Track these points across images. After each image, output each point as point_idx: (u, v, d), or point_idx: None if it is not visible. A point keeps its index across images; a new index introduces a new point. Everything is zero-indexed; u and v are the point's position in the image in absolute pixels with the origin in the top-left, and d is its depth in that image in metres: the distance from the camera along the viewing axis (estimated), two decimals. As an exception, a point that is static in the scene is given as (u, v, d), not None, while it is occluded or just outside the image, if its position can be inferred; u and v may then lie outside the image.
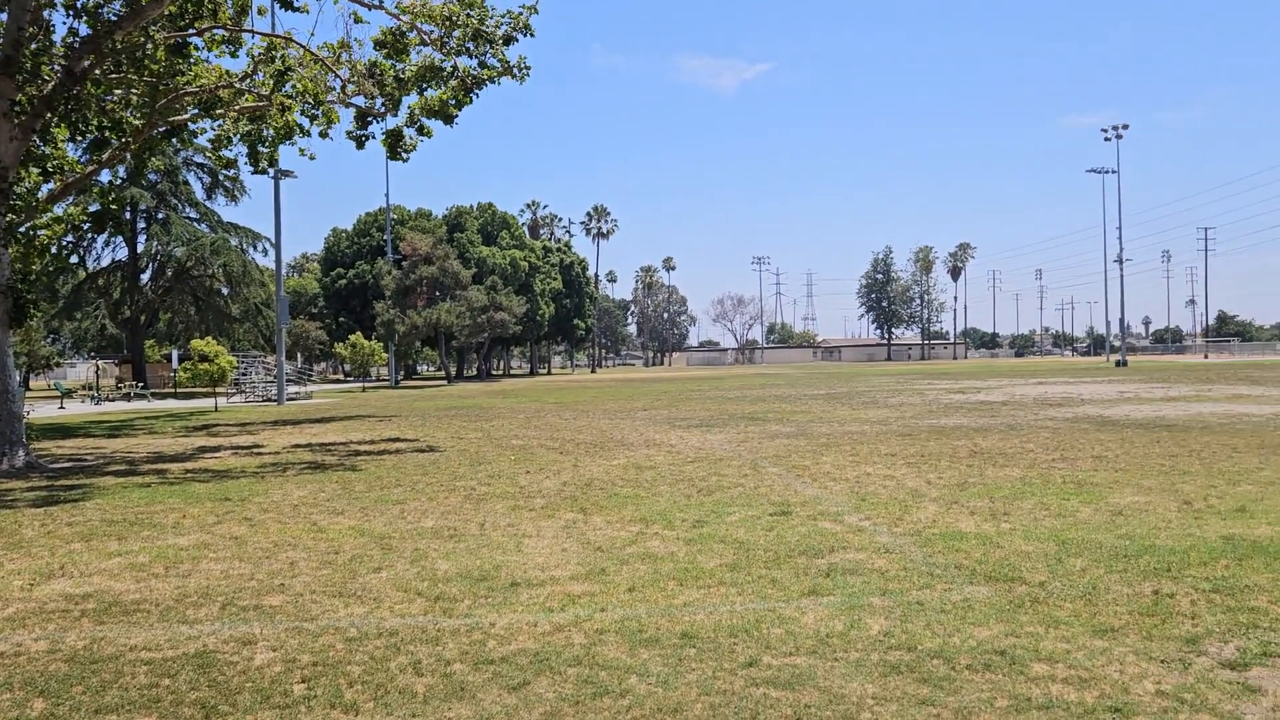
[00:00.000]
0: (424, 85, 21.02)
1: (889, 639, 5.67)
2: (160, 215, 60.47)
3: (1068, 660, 5.23)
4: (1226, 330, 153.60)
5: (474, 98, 21.06)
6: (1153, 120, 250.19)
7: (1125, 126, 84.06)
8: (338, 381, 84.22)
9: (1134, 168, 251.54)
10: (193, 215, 63.59)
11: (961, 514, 9.71)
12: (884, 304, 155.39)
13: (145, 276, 62.24)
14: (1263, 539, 8.09)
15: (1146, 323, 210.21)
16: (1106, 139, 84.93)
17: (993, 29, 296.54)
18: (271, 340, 57.34)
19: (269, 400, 43.11)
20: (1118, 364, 77.90)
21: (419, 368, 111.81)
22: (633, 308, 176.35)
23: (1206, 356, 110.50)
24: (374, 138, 22.36)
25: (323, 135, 22.45)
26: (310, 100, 20.99)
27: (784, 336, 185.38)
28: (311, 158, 73.75)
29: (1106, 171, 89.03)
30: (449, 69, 20.61)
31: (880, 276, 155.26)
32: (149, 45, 18.47)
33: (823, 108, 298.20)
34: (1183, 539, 8.17)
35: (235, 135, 22.43)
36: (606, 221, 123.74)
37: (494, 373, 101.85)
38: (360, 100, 21.75)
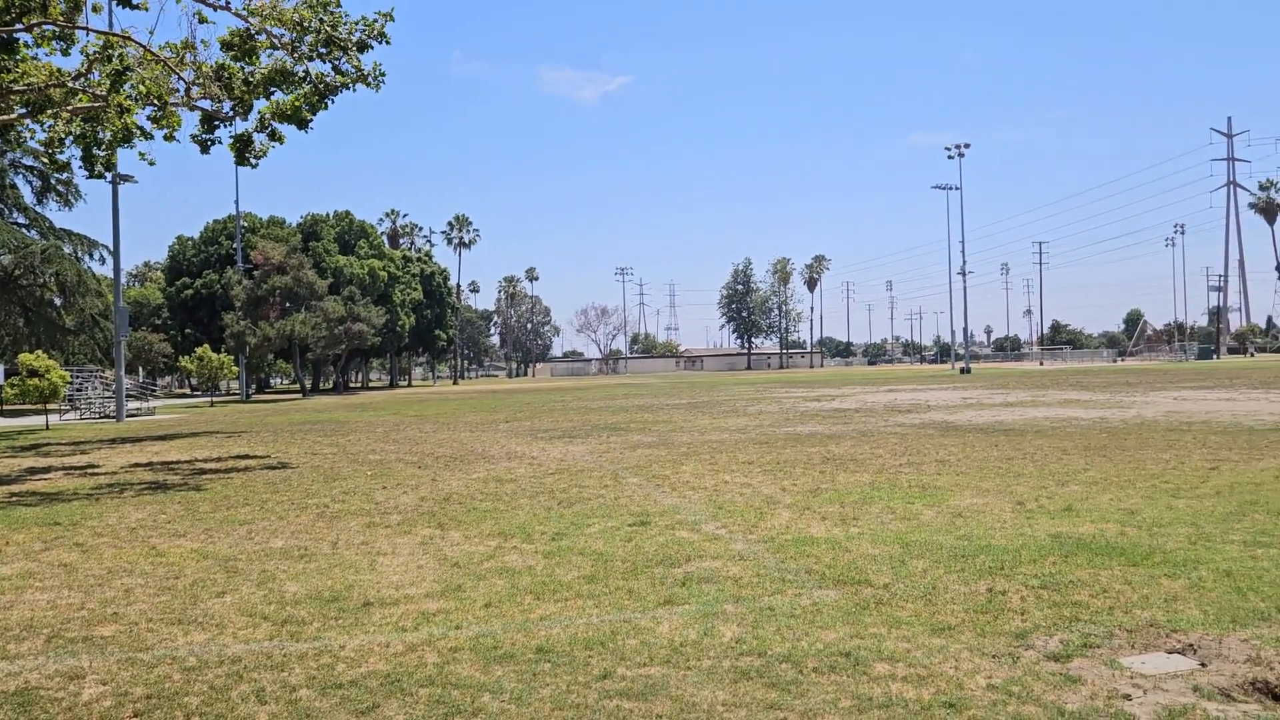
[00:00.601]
0: (275, 89, 20.35)
1: (740, 645, 5.78)
2: (-16, 220, 56.47)
3: (907, 659, 5.45)
4: (1059, 339, 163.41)
5: (329, 103, 20.52)
6: (994, 139, 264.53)
7: (967, 145, 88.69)
8: (184, 396, 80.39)
9: (976, 184, 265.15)
10: (21, 220, 59.61)
11: (813, 519, 10.00)
12: (744, 314, 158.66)
13: (-33, 286, 58.02)
14: (1086, 536, 8.63)
15: (988, 331, 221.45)
16: (950, 157, 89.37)
17: (846, 48, 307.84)
18: (109, 353, 54.26)
19: (107, 417, 40.77)
20: (962, 371, 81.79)
21: (272, 381, 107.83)
22: (496, 318, 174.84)
23: (1042, 363, 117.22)
24: (221, 142, 21.52)
25: (167, 139, 21.45)
26: (152, 102, 20.02)
27: (647, 347, 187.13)
28: (152, 163, 69.65)
29: (950, 188, 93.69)
30: (301, 73, 20.01)
31: (740, 287, 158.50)
32: (-31, 40, 17.27)
33: (683, 120, 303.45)
34: (1015, 538, 8.64)
35: (68, 137, 21.20)
36: (468, 231, 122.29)
37: (352, 385, 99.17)
38: (206, 103, 20.89)
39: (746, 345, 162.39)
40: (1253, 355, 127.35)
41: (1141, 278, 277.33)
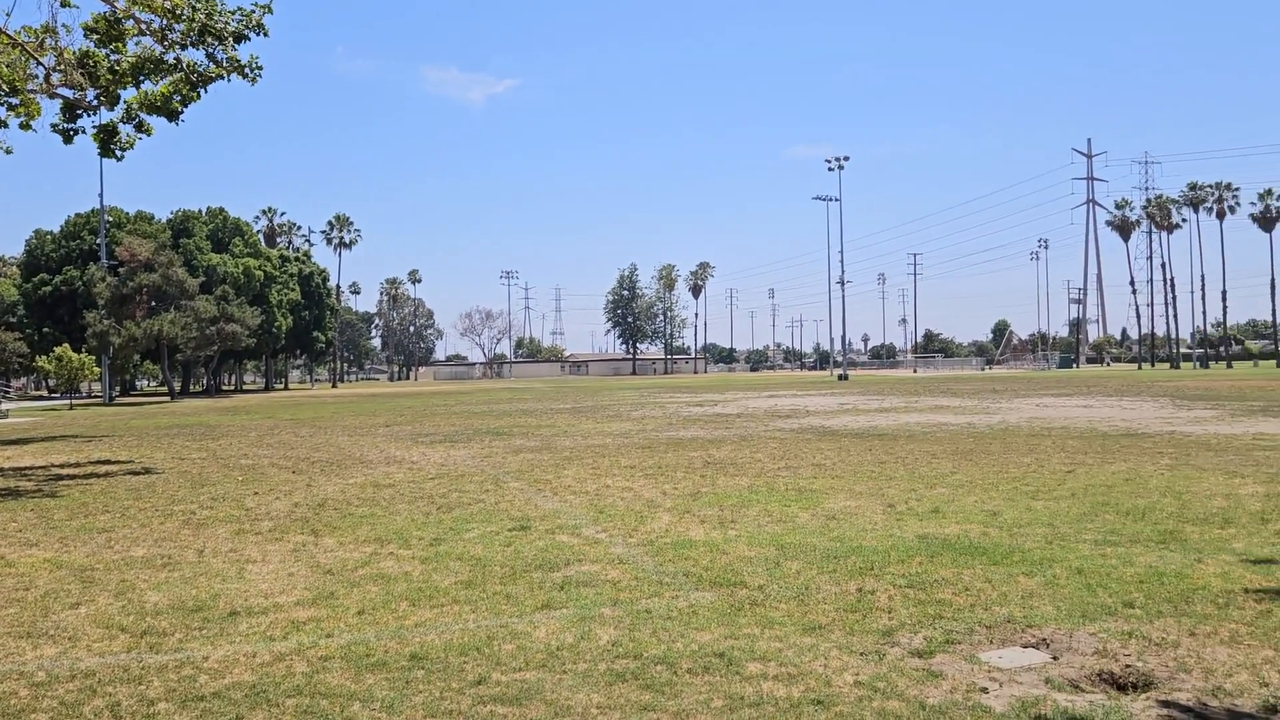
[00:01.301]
0: (143, 77, 19.50)
1: (617, 648, 5.81)
2: None
3: (779, 658, 5.57)
4: (932, 347, 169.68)
5: (201, 94, 19.76)
6: (871, 153, 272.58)
7: (846, 158, 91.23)
8: (41, 399, 76.14)
9: (855, 196, 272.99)
10: None
11: (693, 523, 10.12)
12: (629, 320, 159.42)
13: None
14: (951, 537, 8.98)
15: (865, 339, 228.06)
16: (830, 169, 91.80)
17: (729, 60, 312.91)
18: (-41, 352, 50.99)
19: (-46, 420, 38.32)
20: (840, 378, 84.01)
21: (139, 383, 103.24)
22: (377, 320, 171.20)
23: (915, 371, 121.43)
24: (84, 132, 20.49)
25: (24, 128, 20.31)
26: (6, 88, 18.93)
27: (532, 351, 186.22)
28: (9, 151, 66.29)
29: (830, 199, 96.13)
30: (172, 61, 19.22)
31: (626, 293, 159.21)
32: None
33: (570, 125, 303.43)
34: (885, 539, 8.92)
35: (-87, 121, 19.87)
36: (349, 231, 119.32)
37: (225, 388, 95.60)
38: (68, 91, 19.87)
39: (631, 350, 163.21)
40: (1108, 365, 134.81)
41: (1008, 289, 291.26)
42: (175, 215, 79.55)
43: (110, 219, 72.35)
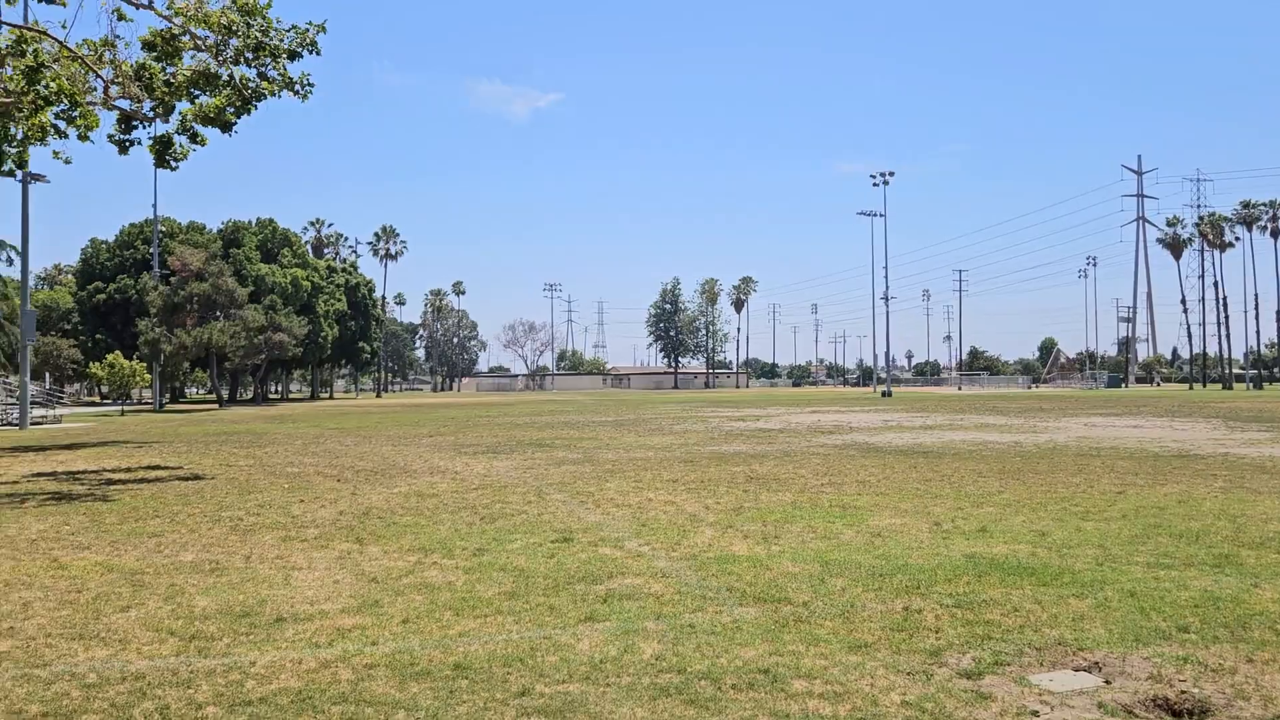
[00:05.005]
0: (197, 91, 19.89)
1: (660, 662, 5.78)
2: (-117, 217, 54.16)
3: (825, 676, 5.50)
4: (977, 364, 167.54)
5: (253, 108, 20.10)
6: (917, 168, 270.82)
7: (892, 173, 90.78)
8: (94, 404, 77.70)
9: (900, 212, 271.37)
10: (-76, 218, 57.37)
11: (736, 538, 10.06)
12: (671, 333, 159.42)
13: None
14: (999, 556, 8.83)
15: (909, 356, 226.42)
16: (875, 184, 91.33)
17: (772, 74, 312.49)
18: (14, 358, 52.24)
19: (9, 424, 39.19)
20: (884, 394, 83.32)
21: (188, 390, 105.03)
22: (421, 331, 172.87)
23: (960, 388, 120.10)
24: (140, 143, 20.93)
25: (82, 138, 20.80)
26: (67, 100, 19.40)
27: (575, 364, 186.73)
28: (67, 161, 67.92)
29: (875, 215, 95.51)
30: (226, 77, 19.59)
31: (668, 307, 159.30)
32: (-128, 28, 16.55)
33: (615, 140, 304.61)
34: (932, 558, 8.80)
35: (-24, 133, 20.43)
36: (395, 243, 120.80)
37: (271, 397, 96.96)
38: (125, 103, 20.32)
39: (673, 364, 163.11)
40: (1158, 384, 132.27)
41: (1056, 307, 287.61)
42: (226, 226, 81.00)
43: (163, 229, 73.80)
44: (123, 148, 20.76)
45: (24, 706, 5.13)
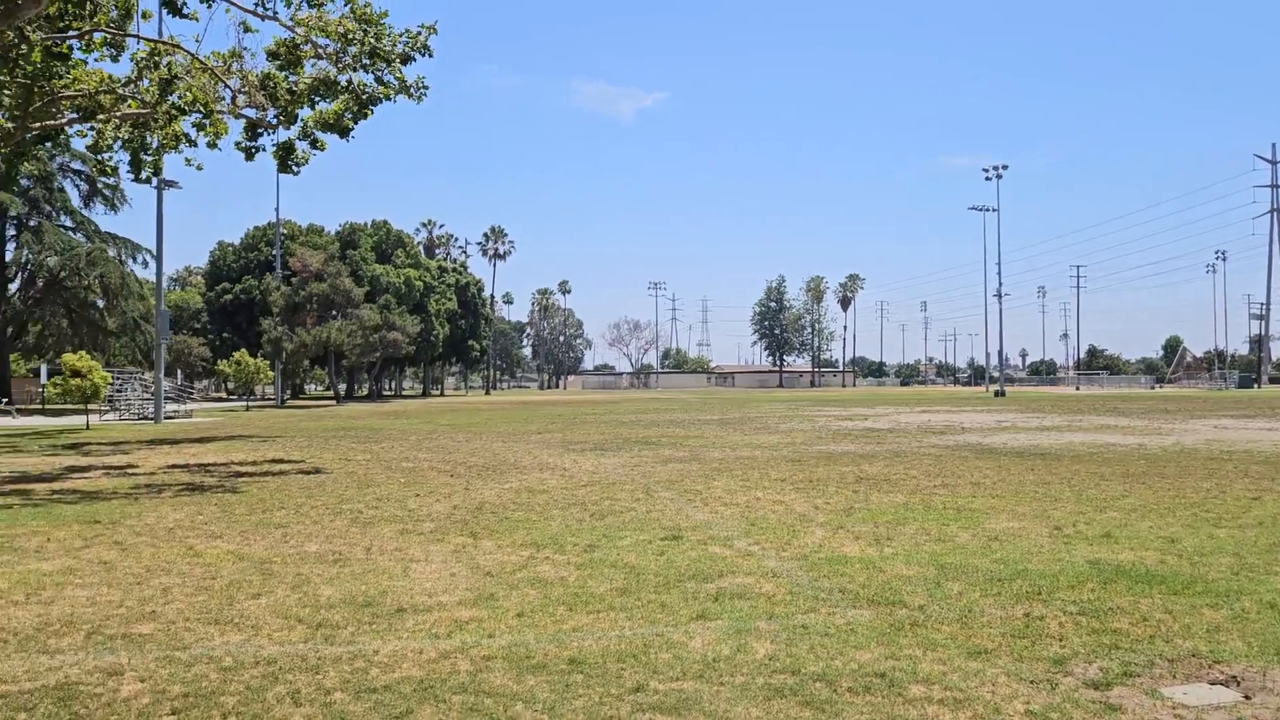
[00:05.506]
0: (318, 98, 20.65)
1: (774, 662, 5.75)
2: (32, 222, 57.65)
3: (943, 682, 5.39)
4: (1096, 364, 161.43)
5: (370, 113, 20.76)
6: (1029, 161, 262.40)
7: (1005, 166, 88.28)
8: (220, 400, 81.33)
9: (1012, 206, 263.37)
10: (68, 223, 60.87)
11: (847, 538, 9.93)
12: (776, 332, 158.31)
13: (14, 286, 59.17)
14: (1125, 563, 8.50)
15: (1024, 355, 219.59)
16: (987, 178, 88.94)
17: (878, 68, 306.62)
18: (150, 356, 55.06)
19: (145, 419, 41.35)
20: (997, 394, 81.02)
21: (307, 387, 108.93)
22: (528, 330, 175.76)
23: (1078, 388, 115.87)
24: (264, 150, 21.85)
25: (211, 146, 21.83)
26: (199, 110, 20.37)
27: (679, 362, 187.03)
28: (198, 168, 71.05)
29: (987, 209, 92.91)
30: (344, 83, 20.27)
31: (773, 305, 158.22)
32: (23, 46, 17.65)
33: (717, 136, 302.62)
34: (1053, 563, 8.53)
35: (116, 142, 21.63)
36: (503, 243, 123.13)
37: (385, 393, 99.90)
38: (251, 112, 21.21)
39: (778, 363, 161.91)
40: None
41: (1181, 304, 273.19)
42: (343, 228, 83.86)
43: (284, 231, 76.78)
44: (249, 154, 21.70)
45: (167, 686, 5.41)
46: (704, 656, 5.87)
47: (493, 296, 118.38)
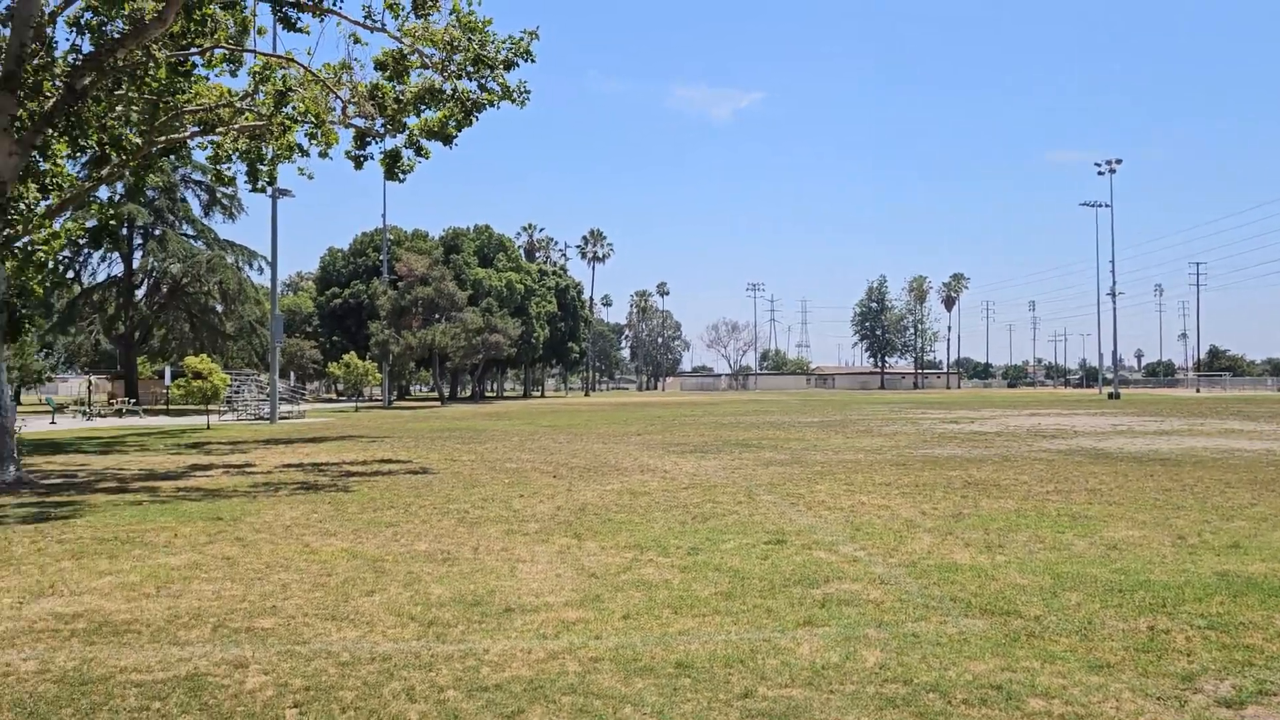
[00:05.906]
0: (423, 107, 21.14)
1: (885, 671, 5.64)
2: (157, 232, 60.62)
3: (1064, 696, 5.21)
4: (1218, 365, 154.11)
5: (474, 120, 21.16)
6: (1140, 155, 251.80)
7: (1119, 161, 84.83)
8: (330, 401, 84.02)
9: (1126, 202, 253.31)
10: (189, 232, 63.75)
11: (956, 545, 9.70)
12: (878, 333, 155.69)
13: (140, 292, 62.34)
14: (1257, 575, 8.09)
15: (1139, 356, 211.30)
16: (1100, 173, 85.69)
17: (982, 63, 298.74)
18: (265, 358, 57.26)
19: (261, 419, 42.98)
20: (1110, 396, 78.08)
21: (413, 388, 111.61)
22: (627, 332, 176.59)
23: (1198, 390, 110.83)
24: (372, 158, 22.43)
25: (322, 155, 22.54)
26: (311, 121, 21.07)
27: (778, 363, 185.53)
28: (310, 177, 73.13)
29: (1100, 205, 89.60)
30: (449, 91, 20.71)
31: (875, 305, 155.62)
32: (150, 63, 18.53)
33: (814, 136, 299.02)
34: (1177, 574, 8.17)
35: (234, 153, 22.52)
36: (602, 246, 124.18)
37: (487, 395, 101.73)
38: (360, 121, 21.84)
39: (880, 364, 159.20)
40: None
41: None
42: (446, 233, 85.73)
43: (391, 237, 78.89)
44: (358, 163, 22.32)
45: (289, 680, 5.60)
46: (812, 663, 5.80)
47: (591, 299, 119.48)
